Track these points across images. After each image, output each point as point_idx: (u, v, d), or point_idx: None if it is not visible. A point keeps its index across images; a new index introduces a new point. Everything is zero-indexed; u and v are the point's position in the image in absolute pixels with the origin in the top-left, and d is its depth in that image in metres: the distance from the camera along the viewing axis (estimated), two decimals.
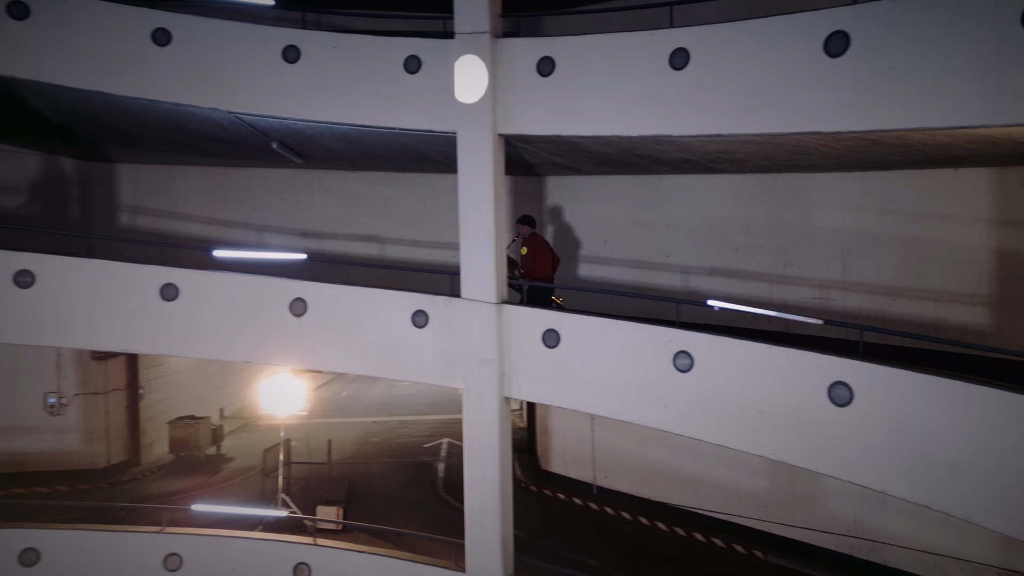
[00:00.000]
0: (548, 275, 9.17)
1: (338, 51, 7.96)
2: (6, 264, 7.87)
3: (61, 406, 12.34)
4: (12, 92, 8.47)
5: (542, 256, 9.06)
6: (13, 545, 7.79)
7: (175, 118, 9.11)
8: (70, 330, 8.11)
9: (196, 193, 12.60)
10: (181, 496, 12.05)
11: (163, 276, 8.17)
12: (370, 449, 15.56)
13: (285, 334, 8.23)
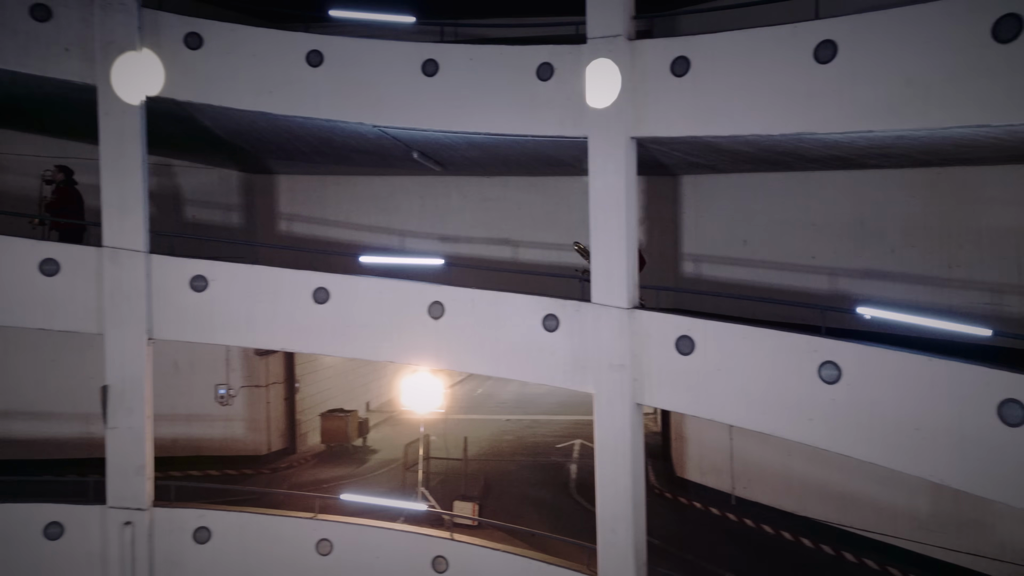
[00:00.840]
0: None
1: (474, 62, 8.21)
2: (184, 270, 8.77)
3: (230, 397, 13.61)
4: (189, 115, 9.44)
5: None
6: (189, 523, 8.70)
7: (326, 133, 9.77)
8: (237, 330, 8.91)
9: (345, 201, 13.44)
10: (331, 484, 12.90)
11: (316, 280, 8.78)
12: (504, 447, 15.89)
13: (424, 336, 8.60)
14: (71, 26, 8.23)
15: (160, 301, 8.68)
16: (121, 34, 8.25)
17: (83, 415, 12.03)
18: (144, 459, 8.59)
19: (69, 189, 9.81)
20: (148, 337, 8.64)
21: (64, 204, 9.66)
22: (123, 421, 8.51)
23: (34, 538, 8.23)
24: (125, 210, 8.50)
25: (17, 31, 8.10)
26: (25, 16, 8.14)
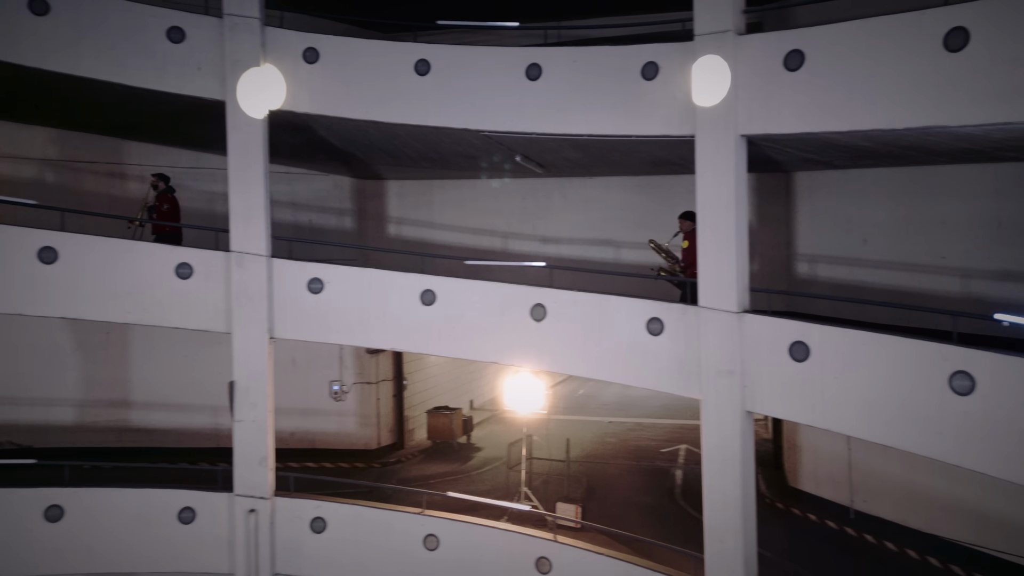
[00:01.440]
0: None
1: (577, 64, 8.20)
2: (302, 273, 9.26)
3: (343, 393, 14.24)
4: (307, 125, 9.95)
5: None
6: (306, 513, 9.19)
7: (433, 139, 10.04)
8: (350, 330, 9.32)
9: (450, 204, 13.76)
10: (437, 480, 13.25)
11: (423, 283, 9.05)
12: (606, 449, 15.77)
13: (526, 337, 8.68)
14: (202, 46, 8.86)
15: (280, 302, 9.20)
16: (247, 52, 8.81)
17: (212, 407, 12.92)
18: (266, 451, 9.14)
19: (169, 195, 10.58)
20: (270, 336, 9.18)
21: (170, 212, 10.45)
22: (248, 415, 9.10)
23: (171, 521, 8.92)
24: (250, 217, 9.08)
25: (156, 53, 8.80)
26: (162, 38, 8.83)
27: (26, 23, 8.18)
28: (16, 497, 8.44)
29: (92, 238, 8.82)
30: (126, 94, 9.49)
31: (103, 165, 12.49)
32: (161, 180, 10.59)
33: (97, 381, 12.64)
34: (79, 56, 8.49)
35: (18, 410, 12.10)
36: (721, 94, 7.30)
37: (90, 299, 8.75)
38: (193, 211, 12.88)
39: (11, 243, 8.39)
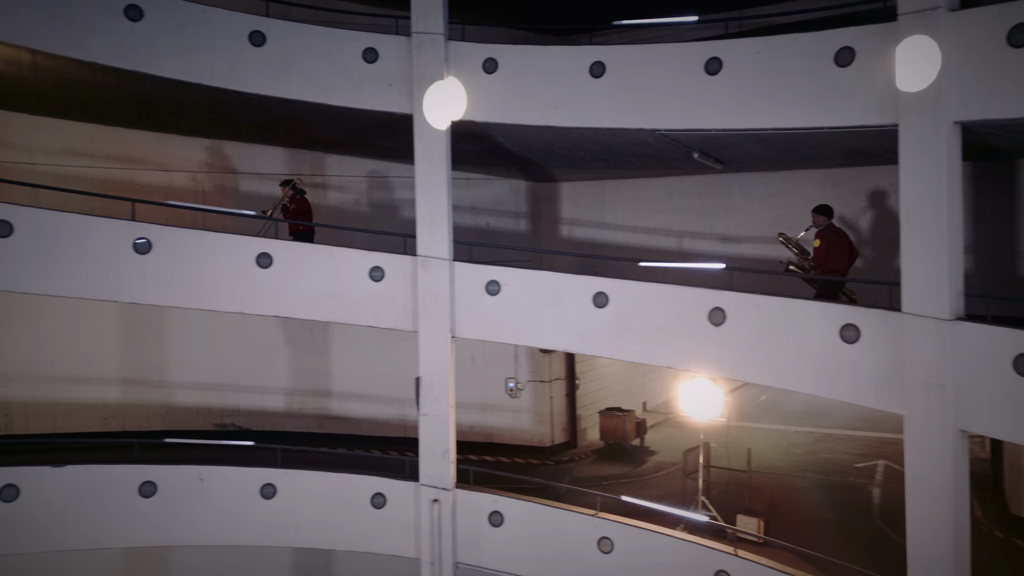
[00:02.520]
0: (842, 269, 8.63)
1: (761, 55, 7.78)
2: (481, 276, 9.63)
3: (517, 390, 14.64)
4: (486, 133, 10.34)
5: (835, 249, 8.61)
6: (485, 506, 9.56)
7: (607, 140, 10.01)
8: (525, 331, 9.54)
9: (623, 204, 13.64)
10: (610, 482, 13.19)
11: (595, 285, 9.05)
12: (792, 461, 14.82)
13: (703, 342, 8.38)
14: (393, 64, 9.50)
15: (461, 303, 9.64)
16: (432, 67, 9.32)
17: (399, 399, 13.83)
18: (448, 444, 9.62)
19: (298, 197, 11.33)
20: (451, 336, 9.65)
21: (300, 211, 11.20)
22: (432, 409, 9.63)
23: (364, 505, 9.68)
24: (434, 223, 9.60)
25: (353, 73, 9.57)
26: (358, 59, 9.57)
27: (247, 55, 9.24)
28: (240, 475, 9.58)
29: (300, 245, 9.77)
30: (327, 113, 10.42)
31: (308, 177, 13.79)
32: (288, 186, 11.34)
33: (303, 372, 14.01)
34: (289, 81, 9.44)
35: (239, 396, 13.72)
36: (929, 78, 6.58)
37: (298, 300, 9.69)
38: (384, 217, 13.88)
39: (236, 251, 9.52)
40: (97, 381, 12.76)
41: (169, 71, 9.04)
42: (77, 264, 8.86)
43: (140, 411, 13.09)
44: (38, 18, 8.45)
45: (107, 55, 8.75)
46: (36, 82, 10.26)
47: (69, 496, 8.84)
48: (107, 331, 12.66)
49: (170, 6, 9.00)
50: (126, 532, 9.15)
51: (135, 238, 9.10)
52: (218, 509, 9.46)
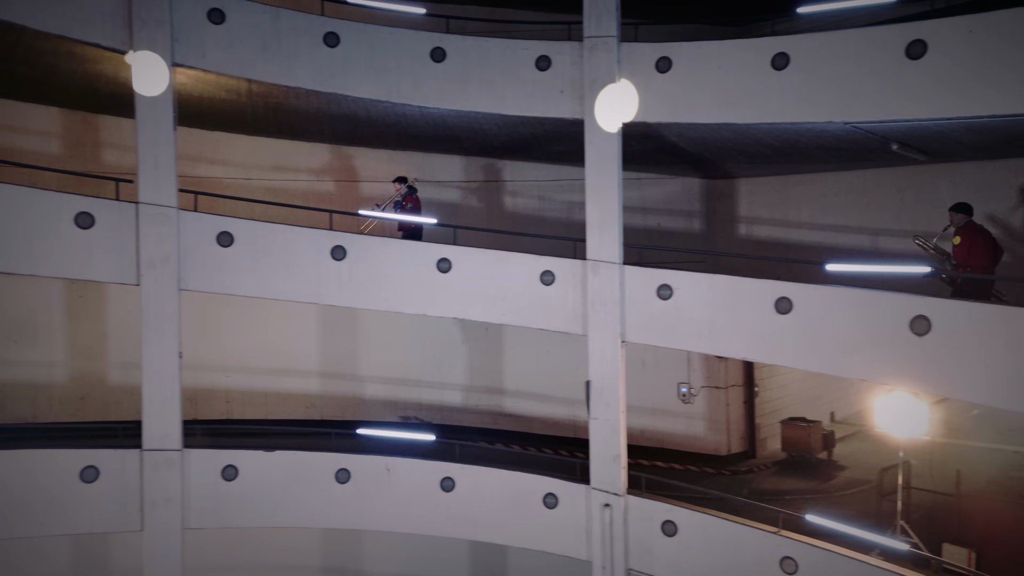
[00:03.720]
0: (986, 266, 8.22)
1: (974, 34, 6.94)
2: (652, 280, 9.45)
3: (691, 395, 14.20)
4: (657, 133, 10.13)
5: (977, 247, 8.21)
6: (657, 515, 9.37)
7: (790, 135, 9.41)
8: (699, 337, 9.23)
9: (808, 200, 12.74)
10: (792, 497, 12.39)
11: (777, 290, 8.54)
12: (1012, 485, 13.05)
13: (903, 354, 7.62)
14: (565, 71, 9.58)
15: (631, 308, 9.52)
16: (604, 71, 9.28)
17: (569, 400, 13.96)
18: (619, 449, 9.55)
19: (411, 195, 11.49)
20: (621, 340, 9.56)
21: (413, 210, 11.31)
22: (602, 413, 9.61)
23: (537, 504, 9.87)
24: (604, 227, 9.56)
25: (526, 81, 9.77)
26: (531, 68, 9.75)
27: (429, 71, 9.76)
28: (422, 468, 10.16)
29: (476, 250, 10.16)
30: (500, 121, 10.75)
31: (484, 183, 14.32)
32: (402, 183, 11.51)
33: (478, 370, 14.58)
34: (466, 93, 9.84)
35: (421, 391, 14.56)
36: None
37: (474, 303, 10.09)
38: (554, 220, 14.06)
39: (418, 256, 10.10)
40: (300, 373, 14.12)
41: (361, 91, 9.78)
42: (284, 270, 9.85)
43: (335, 401, 14.31)
44: (252, 51, 9.50)
45: (310, 80, 9.63)
46: (251, 107, 11.55)
47: (278, 478, 9.87)
48: (308, 329, 13.98)
49: (363, 30, 9.72)
50: (324, 514, 10.05)
51: (332, 246, 9.94)
52: (403, 498, 10.10)
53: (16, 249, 8.57)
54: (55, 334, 12.48)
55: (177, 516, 9.28)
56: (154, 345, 9.22)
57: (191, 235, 9.44)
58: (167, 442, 9.27)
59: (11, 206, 8.53)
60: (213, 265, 9.57)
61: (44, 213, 8.71)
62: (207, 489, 9.52)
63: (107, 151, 12.71)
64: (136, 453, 9.21)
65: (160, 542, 9.21)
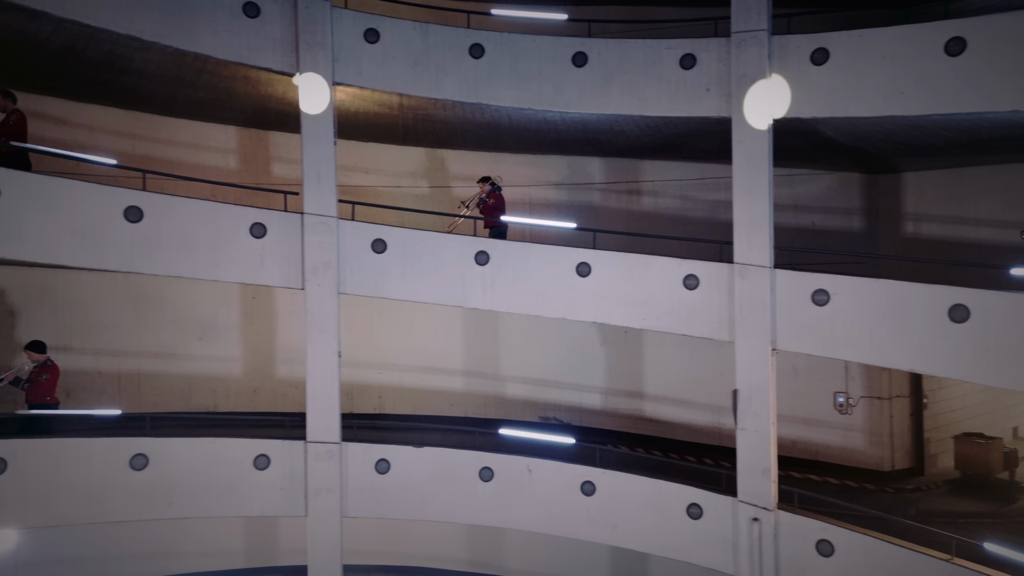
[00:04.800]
0: None
1: None
2: (805, 284, 8.94)
3: (848, 406, 13.28)
4: (812, 128, 9.56)
5: None
6: (811, 533, 8.86)
7: (966, 125, 8.57)
8: (859, 346, 8.64)
9: (988, 194, 11.52)
10: (967, 522, 11.25)
11: (952, 296, 7.87)
12: None
13: None
14: (711, 67, 9.29)
15: (783, 314, 9.06)
16: (753, 65, 8.90)
17: (714, 406, 13.52)
18: (769, 462, 9.13)
19: (498, 195, 11.59)
20: (772, 348, 9.13)
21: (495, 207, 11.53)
22: (750, 424, 9.22)
23: (680, 514, 9.64)
24: (753, 229, 9.17)
25: (669, 81, 9.56)
26: (675, 67, 9.53)
27: (571, 76, 9.80)
28: (563, 470, 10.21)
29: (616, 254, 10.08)
30: (642, 123, 10.59)
31: (623, 184, 14.17)
32: (486, 182, 11.70)
33: (617, 373, 14.46)
34: (608, 96, 9.78)
35: (560, 392, 14.66)
36: None
37: (613, 307, 10.02)
38: (698, 220, 13.67)
39: (558, 260, 10.17)
40: (446, 372, 14.69)
41: (504, 100, 10.00)
42: (432, 275, 10.29)
43: (478, 400, 14.75)
44: (403, 66, 9.98)
45: (456, 92, 9.99)
46: (402, 119, 12.16)
47: (426, 473, 10.33)
48: (454, 329, 14.50)
49: (506, 40, 9.94)
50: (469, 510, 10.39)
51: (476, 251, 10.25)
52: (543, 499, 10.23)
53: (202, 258, 9.55)
54: (232, 332, 13.78)
55: (337, 505, 9.96)
56: (317, 345, 9.95)
57: (349, 242, 10.09)
58: (328, 435, 9.97)
59: (198, 218, 9.51)
60: (368, 270, 10.17)
61: (224, 225, 9.64)
62: (363, 481, 10.15)
63: (276, 164, 13.86)
64: (301, 444, 9.98)
65: (322, 528, 9.93)
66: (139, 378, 13.17)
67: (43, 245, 8.63)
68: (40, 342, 9.74)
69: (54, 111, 12.24)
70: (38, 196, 8.58)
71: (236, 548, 13.41)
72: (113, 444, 9.26)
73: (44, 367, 9.58)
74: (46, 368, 9.56)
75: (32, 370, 9.50)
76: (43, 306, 12.29)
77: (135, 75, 10.62)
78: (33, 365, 9.54)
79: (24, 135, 9.42)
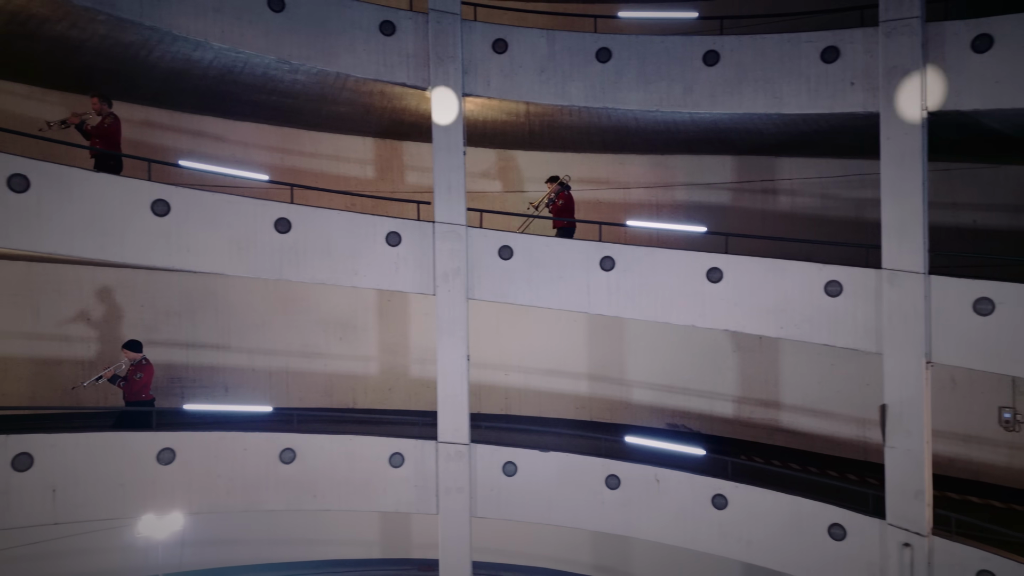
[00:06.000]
0: None
1: None
2: (966, 291, 8.19)
3: (1016, 422, 12.01)
4: (973, 121, 8.73)
5: None
6: (971, 563, 8.09)
7: None
8: None
9: None
10: None
11: None
12: None
13: None
14: (856, 60, 8.71)
15: (939, 324, 8.35)
16: (904, 56, 8.26)
17: (858, 419, 12.66)
18: (923, 484, 8.44)
19: (568, 194, 11.44)
20: (926, 361, 8.42)
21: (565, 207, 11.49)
22: (901, 442, 8.56)
23: (820, 533, 9.12)
24: (904, 231, 8.51)
25: (809, 77, 9.07)
26: (815, 61, 9.02)
27: (701, 76, 9.52)
28: (692, 482, 9.92)
29: (750, 259, 9.67)
30: (777, 120, 10.09)
31: (757, 183, 13.57)
32: (555, 182, 11.63)
33: (751, 381, 13.87)
34: (740, 95, 9.41)
35: (688, 399, 14.27)
36: None
37: (747, 314, 9.62)
38: (841, 221, 12.85)
39: (687, 266, 9.90)
40: (571, 375, 14.71)
41: (631, 103, 9.87)
42: (557, 280, 10.33)
43: (603, 404, 14.65)
44: (530, 74, 10.08)
45: (582, 97, 9.97)
46: (528, 125, 12.29)
47: (551, 477, 10.39)
48: (578, 332, 14.49)
49: (633, 42, 9.80)
50: (595, 517, 10.34)
51: (601, 257, 10.19)
52: (672, 510, 10.00)
53: (343, 265, 10.12)
54: (369, 333, 14.50)
55: (466, 504, 10.24)
56: (446, 349, 10.27)
57: (477, 249, 10.33)
58: (457, 436, 10.27)
59: (339, 228, 10.08)
60: (496, 276, 10.37)
61: (363, 234, 10.17)
62: (491, 482, 10.37)
63: (409, 172, 14.44)
64: (433, 444, 10.35)
65: (452, 526, 10.24)
66: (286, 375, 14.16)
67: (206, 256, 9.47)
68: (136, 341, 10.14)
69: (213, 129, 13.40)
70: (202, 211, 9.42)
71: (372, 539, 14.13)
72: (265, 439, 10.01)
73: (139, 365, 9.87)
74: (141, 367, 9.91)
75: (128, 368, 9.87)
76: (206, 309, 13.49)
77: (284, 95, 11.41)
78: (129, 363, 9.89)
79: (118, 138, 9.82)
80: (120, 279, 12.91)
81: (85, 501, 8.87)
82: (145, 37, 9.38)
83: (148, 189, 9.10)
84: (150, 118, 12.65)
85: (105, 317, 12.87)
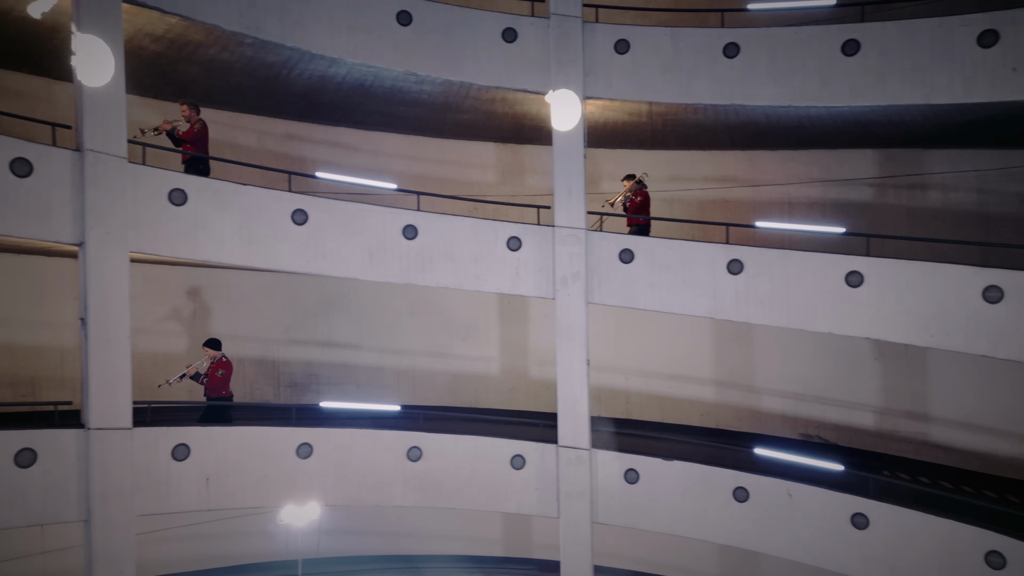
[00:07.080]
0: None
1: None
2: None
3: None
4: None
5: None
6: None
7: None
8: None
9: None
10: None
11: None
12: None
13: None
14: (1019, 42, 7.86)
15: None
16: None
17: (1020, 435, 11.48)
18: None
19: (642, 190, 10.93)
20: None
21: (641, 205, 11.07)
22: None
23: (978, 563, 8.33)
24: None
25: (963, 62, 8.34)
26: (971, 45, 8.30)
27: (839, 67, 8.95)
28: (828, 498, 9.33)
29: (894, 261, 8.98)
30: (926, 111, 9.29)
31: (903, 178, 12.58)
32: (630, 179, 11.06)
33: (895, 391, 12.88)
34: (884, 85, 8.78)
35: (824, 408, 13.45)
36: None
37: (894, 321, 8.96)
38: (1002, 217, 11.69)
39: (823, 269, 9.33)
40: (695, 380, 14.27)
41: (761, 99, 9.43)
42: (681, 284, 10.05)
43: (730, 411, 14.11)
44: (653, 74, 9.88)
45: (708, 95, 9.65)
46: (650, 125, 12.04)
47: (676, 487, 10.12)
48: (703, 337, 14.03)
49: (763, 35, 9.35)
50: (721, 530, 9.97)
51: (728, 260, 9.80)
52: (806, 527, 9.47)
53: (466, 270, 10.33)
54: (491, 334, 14.75)
55: (587, 510, 10.19)
56: (566, 353, 10.25)
57: (597, 253, 10.25)
58: (578, 441, 10.24)
59: (462, 234, 10.31)
60: (616, 280, 10.24)
61: (485, 239, 10.34)
62: (612, 488, 10.26)
63: (529, 176, 14.55)
64: (553, 448, 10.37)
65: (573, 531, 10.22)
66: (413, 374, 14.68)
67: (340, 262, 9.97)
68: (216, 339, 10.48)
69: (347, 140, 14.11)
70: (337, 219, 9.93)
71: (495, 537, 14.37)
72: (395, 436, 10.41)
73: (219, 363, 10.17)
74: (221, 364, 10.25)
75: (210, 365, 10.20)
76: (340, 311, 14.24)
77: (412, 105, 11.83)
78: (211, 361, 10.22)
79: (205, 143, 10.16)
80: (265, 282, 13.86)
81: (234, 490, 9.60)
82: (286, 57, 10.01)
83: (289, 200, 9.69)
84: (291, 131, 13.50)
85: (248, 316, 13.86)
